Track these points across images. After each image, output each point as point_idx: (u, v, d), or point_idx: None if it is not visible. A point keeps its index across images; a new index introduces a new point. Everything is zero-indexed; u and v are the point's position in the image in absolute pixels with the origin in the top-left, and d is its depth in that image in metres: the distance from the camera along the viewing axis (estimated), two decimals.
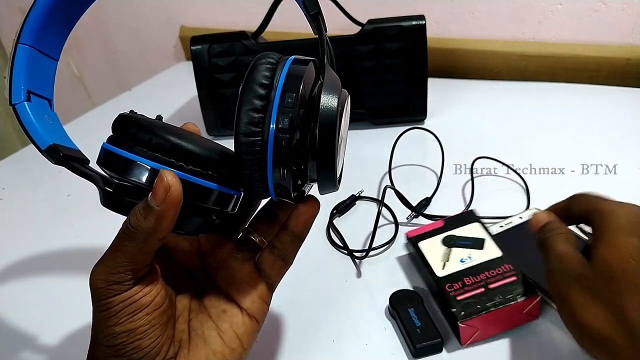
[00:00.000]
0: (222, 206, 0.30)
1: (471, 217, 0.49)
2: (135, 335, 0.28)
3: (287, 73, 0.28)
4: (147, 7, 1.10)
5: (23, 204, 0.65)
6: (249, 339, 0.33)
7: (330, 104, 0.28)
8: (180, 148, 0.29)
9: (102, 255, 0.29)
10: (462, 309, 0.40)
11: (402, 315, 0.42)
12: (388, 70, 0.71)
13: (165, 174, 0.27)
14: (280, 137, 0.27)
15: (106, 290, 0.28)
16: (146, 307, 0.29)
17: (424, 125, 0.73)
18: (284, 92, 0.28)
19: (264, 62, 0.29)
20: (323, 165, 0.29)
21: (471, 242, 0.46)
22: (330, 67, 0.30)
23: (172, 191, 0.27)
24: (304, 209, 0.33)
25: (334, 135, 0.28)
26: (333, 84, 0.29)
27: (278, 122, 0.27)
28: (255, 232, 0.35)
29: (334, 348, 0.42)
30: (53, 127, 0.30)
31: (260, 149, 0.28)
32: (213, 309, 0.33)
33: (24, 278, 0.52)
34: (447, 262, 0.45)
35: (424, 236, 0.48)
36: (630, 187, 0.57)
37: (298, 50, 0.74)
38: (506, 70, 0.86)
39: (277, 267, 0.34)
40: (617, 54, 0.80)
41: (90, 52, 1.21)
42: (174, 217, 0.28)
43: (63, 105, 1.60)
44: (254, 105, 0.28)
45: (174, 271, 0.34)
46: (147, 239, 0.28)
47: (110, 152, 0.29)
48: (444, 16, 0.89)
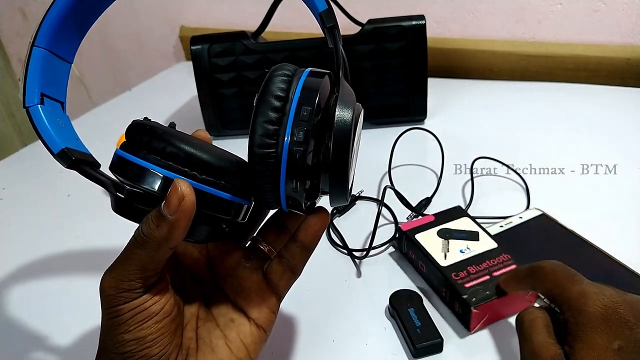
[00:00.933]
0: (233, 215, 0.31)
1: (459, 212, 0.51)
2: (144, 343, 0.28)
3: (303, 86, 0.28)
4: (147, 7, 1.10)
5: (23, 204, 0.65)
6: (256, 349, 0.33)
7: (345, 118, 0.28)
8: (194, 157, 0.29)
9: (113, 262, 0.29)
10: (472, 296, 0.41)
11: (402, 315, 0.42)
12: (388, 70, 0.71)
13: (179, 184, 0.27)
14: (295, 149, 0.27)
15: (116, 298, 0.28)
16: (156, 315, 0.29)
17: (424, 125, 0.74)
18: (300, 105, 0.28)
19: (280, 73, 0.29)
20: (336, 179, 0.29)
21: (466, 234, 0.48)
22: (345, 80, 0.30)
23: (185, 201, 0.27)
24: (314, 220, 0.33)
25: (348, 150, 0.28)
26: (348, 97, 0.29)
27: (293, 134, 0.27)
28: (264, 241, 0.35)
29: (334, 348, 0.42)
30: (65, 131, 0.30)
31: (274, 160, 0.28)
32: (221, 317, 0.33)
33: (24, 278, 0.52)
34: (447, 253, 0.46)
35: (419, 229, 0.49)
36: (630, 187, 0.57)
37: (298, 50, 0.74)
38: (506, 70, 0.86)
39: (286, 277, 0.34)
40: (617, 54, 0.80)
41: (90, 52, 1.21)
42: (187, 227, 0.28)
43: None
44: (269, 117, 0.28)
45: (182, 278, 0.34)
46: (159, 248, 0.28)
47: (124, 159, 0.29)
48: (444, 16, 0.89)
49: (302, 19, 0.97)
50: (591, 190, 0.58)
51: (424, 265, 0.47)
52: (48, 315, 0.47)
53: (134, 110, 0.87)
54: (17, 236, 0.59)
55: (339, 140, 0.28)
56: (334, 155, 0.28)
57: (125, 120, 0.32)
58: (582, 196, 0.56)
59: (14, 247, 0.56)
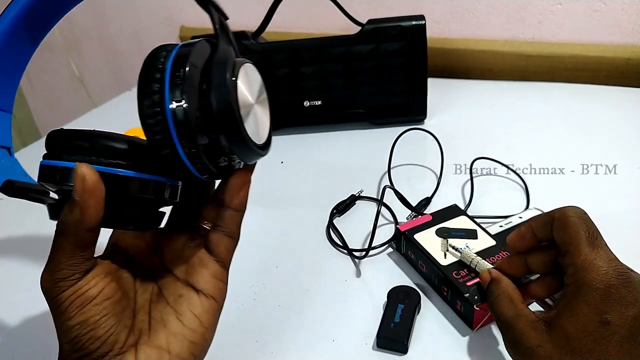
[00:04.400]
0: (154, 194, 0.31)
1: (456, 211, 0.51)
2: (87, 326, 0.30)
3: (175, 55, 0.29)
4: (147, 7, 1.10)
5: (24, 204, 0.65)
6: (209, 318, 0.34)
7: (221, 74, 0.29)
8: (97, 145, 0.30)
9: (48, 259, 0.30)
10: (474, 294, 0.41)
11: (389, 308, 0.43)
12: (388, 70, 0.71)
13: (78, 167, 0.28)
14: (177, 108, 0.28)
15: (53, 289, 0.29)
16: (94, 299, 0.30)
17: (424, 124, 0.74)
18: (174, 71, 0.28)
19: (155, 51, 0.30)
20: (230, 133, 0.29)
21: (465, 232, 0.48)
22: (228, 44, 0.31)
23: (86, 179, 0.28)
24: (234, 180, 0.33)
25: (231, 104, 0.28)
26: (225, 55, 0.30)
27: (173, 96, 0.28)
28: (205, 220, 0.36)
29: (334, 347, 0.42)
30: (12, 170, 0.32)
31: (162, 126, 0.28)
32: (170, 296, 0.35)
33: (25, 278, 0.52)
34: (447, 252, 0.46)
35: (417, 229, 0.49)
36: (630, 187, 0.57)
37: (298, 50, 0.74)
38: (506, 70, 0.86)
39: (224, 243, 0.35)
40: (617, 54, 0.80)
41: (90, 52, 1.21)
42: (97, 206, 0.29)
43: (63, 105, 1.61)
44: (150, 89, 0.29)
45: (134, 271, 0.35)
46: (77, 231, 0.29)
47: (43, 166, 0.31)
48: (444, 16, 0.89)
49: (302, 19, 0.97)
50: (591, 190, 0.58)
51: (424, 264, 0.47)
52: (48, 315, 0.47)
53: (134, 110, 0.87)
54: (17, 236, 0.59)
55: (220, 96, 0.28)
56: (218, 111, 0.28)
57: (126, 121, 0.32)
58: (582, 196, 0.56)
59: (15, 247, 0.56)
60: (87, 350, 0.30)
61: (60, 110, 1.34)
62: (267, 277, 0.50)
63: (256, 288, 0.48)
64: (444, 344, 0.41)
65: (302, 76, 0.72)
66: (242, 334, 0.44)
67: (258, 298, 0.47)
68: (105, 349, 0.30)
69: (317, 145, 0.73)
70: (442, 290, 0.45)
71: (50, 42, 1.22)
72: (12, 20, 0.33)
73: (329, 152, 0.71)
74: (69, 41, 1.21)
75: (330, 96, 0.73)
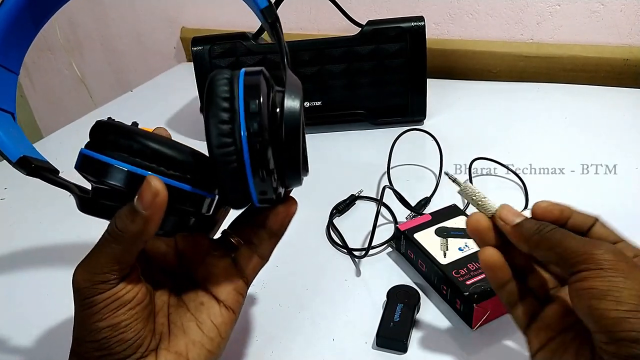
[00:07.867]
0: (198, 208, 0.32)
1: (455, 210, 0.51)
2: (119, 329, 0.30)
3: (244, 84, 0.29)
4: (148, 9, 1.10)
5: (25, 204, 0.65)
6: (226, 329, 0.35)
7: (293, 106, 0.29)
8: (159, 153, 0.30)
9: (86, 256, 0.30)
10: (474, 292, 0.42)
11: (388, 307, 0.43)
12: (387, 71, 0.71)
13: (152, 180, 0.28)
14: (253, 141, 0.28)
15: (90, 290, 0.29)
16: (129, 303, 0.30)
17: (424, 125, 0.74)
18: (247, 101, 0.28)
19: (220, 77, 0.30)
20: (294, 164, 0.30)
21: (464, 232, 0.48)
22: (289, 69, 0.32)
23: (159, 196, 0.28)
24: (282, 208, 0.34)
25: (299, 135, 0.29)
26: (294, 87, 0.30)
27: (248, 128, 0.28)
28: (236, 236, 0.36)
29: (333, 346, 0.42)
30: (20, 140, 0.30)
31: (236, 157, 0.28)
32: (191, 302, 0.35)
33: (26, 278, 0.53)
34: (446, 251, 0.46)
35: (417, 229, 0.49)
36: (630, 187, 0.58)
37: (298, 52, 0.74)
38: (505, 71, 0.87)
39: (254, 262, 0.36)
40: (615, 55, 0.80)
41: (91, 53, 1.21)
42: (159, 221, 0.29)
43: (65, 106, 1.61)
44: (222, 118, 0.28)
45: (152, 270, 0.36)
46: (134, 241, 0.29)
47: (91, 158, 0.30)
48: (443, 17, 0.89)
49: (302, 20, 0.97)
50: (591, 190, 0.58)
51: (424, 264, 0.47)
52: (48, 315, 0.48)
53: (135, 110, 0.87)
54: (19, 236, 0.59)
55: (290, 127, 0.29)
56: (286, 141, 0.29)
57: (127, 121, 0.33)
58: (582, 196, 0.57)
59: (16, 247, 0.57)
60: (112, 352, 0.30)
61: (62, 111, 1.35)
62: (267, 276, 0.50)
63: (256, 287, 0.49)
64: (443, 343, 0.42)
65: (303, 77, 0.72)
66: (242, 333, 0.44)
67: (258, 297, 0.48)
68: (130, 351, 0.30)
69: (317, 145, 0.73)
70: (442, 289, 0.45)
71: (51, 43, 1.23)
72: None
73: (329, 152, 0.71)
74: (71, 42, 1.21)
75: (330, 97, 0.73)
